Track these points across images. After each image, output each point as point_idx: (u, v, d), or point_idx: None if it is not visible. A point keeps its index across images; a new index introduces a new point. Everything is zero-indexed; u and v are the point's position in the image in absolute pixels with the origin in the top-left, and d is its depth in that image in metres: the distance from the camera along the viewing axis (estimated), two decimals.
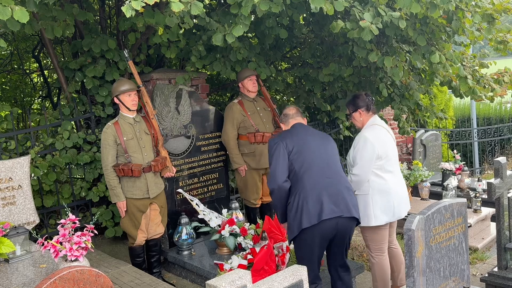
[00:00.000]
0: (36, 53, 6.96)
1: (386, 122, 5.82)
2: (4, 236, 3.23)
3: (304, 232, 3.00)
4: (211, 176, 4.83)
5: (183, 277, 4.28)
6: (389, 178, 3.38)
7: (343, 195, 3.05)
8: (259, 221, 4.12)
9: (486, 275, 3.75)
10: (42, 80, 7.87)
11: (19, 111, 6.70)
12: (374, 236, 3.41)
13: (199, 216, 4.26)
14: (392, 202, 3.35)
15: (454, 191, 5.38)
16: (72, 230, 2.97)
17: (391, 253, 3.58)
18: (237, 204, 4.42)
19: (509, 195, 3.64)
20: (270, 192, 3.17)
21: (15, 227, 3.42)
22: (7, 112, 4.71)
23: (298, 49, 6.04)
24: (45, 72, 7.44)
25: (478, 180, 5.64)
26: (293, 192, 3.07)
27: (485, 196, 5.23)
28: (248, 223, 4.32)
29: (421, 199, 5.66)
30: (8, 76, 7.73)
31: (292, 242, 3.17)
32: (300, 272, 2.68)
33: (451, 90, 4.88)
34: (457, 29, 3.97)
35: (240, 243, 4.01)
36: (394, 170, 3.44)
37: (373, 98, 3.58)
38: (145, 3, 2.56)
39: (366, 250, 3.75)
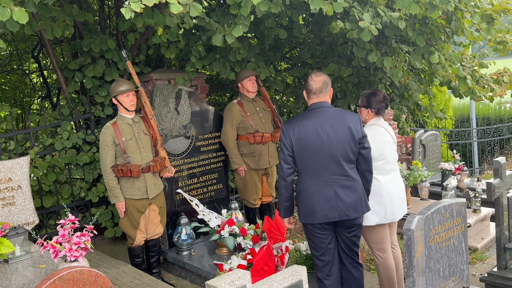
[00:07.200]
0: (35, 54, 6.96)
1: None
2: (4, 236, 3.22)
3: None
4: (211, 176, 4.83)
5: (182, 277, 4.28)
6: (383, 180, 3.34)
7: None
8: (259, 221, 4.12)
9: (486, 275, 3.76)
10: (41, 80, 7.86)
11: (19, 111, 6.69)
12: (372, 236, 3.40)
13: (199, 217, 4.26)
14: (384, 204, 3.31)
15: (453, 191, 5.39)
16: (71, 230, 2.98)
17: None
18: (236, 205, 4.42)
19: (508, 195, 3.65)
20: None
21: (15, 227, 3.42)
22: (6, 113, 4.71)
23: (298, 49, 6.04)
24: (45, 72, 7.43)
25: (478, 180, 5.64)
26: None
27: (484, 196, 5.23)
28: (248, 223, 4.33)
29: (421, 199, 5.66)
30: (8, 77, 7.73)
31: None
32: (300, 272, 2.68)
33: (450, 90, 4.88)
34: (456, 29, 3.98)
35: (239, 243, 4.01)
36: (390, 172, 3.40)
37: (388, 104, 3.53)
38: (144, 4, 2.56)
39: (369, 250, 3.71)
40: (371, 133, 3.34)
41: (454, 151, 6.41)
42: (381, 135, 3.39)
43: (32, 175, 4.35)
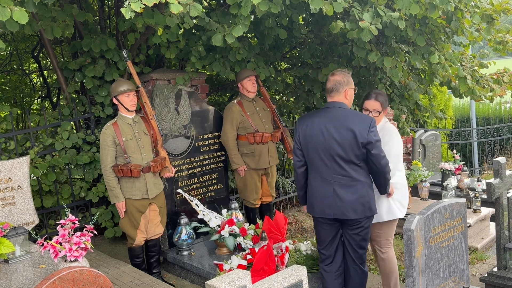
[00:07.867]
0: (35, 54, 6.95)
1: None
2: (4, 236, 3.22)
3: None
4: (211, 176, 4.83)
5: (182, 277, 4.28)
6: (403, 175, 3.44)
7: None
8: (259, 221, 4.12)
9: (486, 275, 3.76)
10: (41, 80, 7.86)
11: (19, 111, 6.69)
12: (388, 230, 3.42)
13: (199, 217, 4.26)
14: (407, 198, 3.44)
15: (453, 191, 5.39)
16: (71, 230, 2.98)
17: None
18: (236, 205, 4.42)
19: (508, 195, 3.65)
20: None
21: (15, 227, 3.42)
22: (6, 113, 4.71)
23: (298, 49, 6.04)
24: (45, 72, 7.43)
25: (478, 180, 5.65)
26: None
27: (484, 196, 5.24)
28: (248, 223, 4.33)
29: (421, 199, 5.66)
30: (8, 77, 7.73)
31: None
32: (300, 272, 2.68)
33: (450, 90, 4.89)
34: (456, 29, 3.98)
35: (239, 243, 4.01)
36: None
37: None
38: (144, 4, 2.57)
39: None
40: (391, 130, 3.40)
41: (454, 151, 6.42)
42: (396, 132, 3.46)
43: (32, 175, 4.35)
